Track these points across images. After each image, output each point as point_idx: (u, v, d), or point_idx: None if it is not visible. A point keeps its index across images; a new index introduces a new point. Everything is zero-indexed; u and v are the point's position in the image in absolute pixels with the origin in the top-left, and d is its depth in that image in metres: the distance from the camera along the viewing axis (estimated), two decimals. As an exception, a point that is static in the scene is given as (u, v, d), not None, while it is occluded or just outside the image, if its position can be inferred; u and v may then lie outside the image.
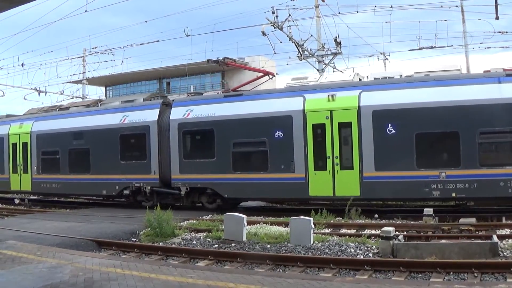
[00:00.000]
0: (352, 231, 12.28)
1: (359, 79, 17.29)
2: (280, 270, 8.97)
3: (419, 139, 14.02)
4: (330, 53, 26.08)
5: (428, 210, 12.75)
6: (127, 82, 49.05)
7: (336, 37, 25.11)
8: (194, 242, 11.64)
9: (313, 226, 10.97)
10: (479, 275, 7.82)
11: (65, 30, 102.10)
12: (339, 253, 9.92)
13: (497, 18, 20.89)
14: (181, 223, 13.76)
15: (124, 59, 32.65)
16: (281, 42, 24.66)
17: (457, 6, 24.99)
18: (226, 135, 16.51)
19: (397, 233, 10.43)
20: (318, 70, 25.62)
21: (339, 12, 24.51)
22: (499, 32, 23.10)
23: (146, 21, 52.08)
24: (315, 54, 26.13)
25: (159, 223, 12.23)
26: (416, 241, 10.29)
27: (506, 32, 23.36)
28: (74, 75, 35.34)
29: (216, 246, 11.12)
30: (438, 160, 14.12)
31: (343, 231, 12.26)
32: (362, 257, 9.49)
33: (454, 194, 13.70)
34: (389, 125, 14.24)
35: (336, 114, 14.93)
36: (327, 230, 12.33)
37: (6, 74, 49.94)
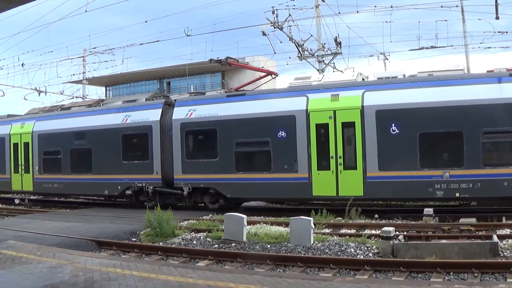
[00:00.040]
0: (352, 231, 12.28)
1: (362, 79, 17.24)
2: (280, 270, 8.97)
3: (423, 139, 13.98)
4: (330, 53, 26.10)
5: (428, 210, 12.74)
6: (127, 82, 49.05)
7: (336, 37, 25.15)
8: (194, 242, 11.64)
9: (313, 226, 10.97)
10: (479, 275, 7.82)
11: (65, 30, 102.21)
12: (339, 253, 9.92)
13: (497, 18, 20.90)
14: (181, 223, 13.77)
15: (124, 59, 32.69)
16: (281, 42, 24.74)
17: (457, 6, 25.02)
18: (229, 135, 16.46)
19: (397, 233, 10.42)
20: (318, 70, 25.63)
21: (339, 12, 24.57)
22: (499, 32, 23.13)
23: (146, 21, 52.20)
24: (315, 54, 26.14)
25: (159, 223, 12.22)
26: (416, 241, 10.28)
27: (506, 32, 23.38)
28: (74, 75, 35.38)
29: (216, 246, 11.12)
30: (442, 160, 14.08)
31: (343, 231, 12.26)
32: (362, 257, 9.49)
33: (458, 194, 13.65)
34: (393, 125, 14.19)
35: (340, 114, 14.89)
36: (327, 230, 12.32)
37: (6, 74, 49.98)
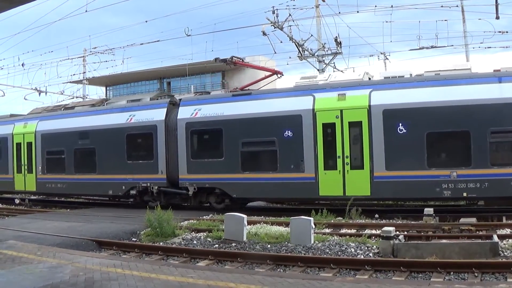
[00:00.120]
0: (353, 231, 12.28)
1: (369, 78, 17.15)
2: (281, 270, 8.96)
3: (430, 139, 13.91)
4: (331, 53, 26.11)
5: (429, 210, 12.73)
6: (128, 82, 49.05)
7: (337, 37, 25.15)
8: (195, 242, 11.64)
9: (314, 226, 10.97)
10: (480, 275, 7.82)
11: (65, 30, 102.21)
12: (340, 253, 9.92)
13: (498, 18, 20.90)
14: (182, 223, 13.77)
15: (125, 59, 32.70)
16: (282, 42, 24.76)
17: (458, 6, 25.04)
18: (235, 135, 16.37)
19: (398, 233, 10.41)
20: (319, 70, 25.63)
21: (339, 12, 24.60)
22: (500, 32, 23.14)
23: (147, 21, 52.53)
24: (316, 54, 26.15)
25: (160, 223, 12.22)
26: (417, 241, 10.27)
27: (507, 32, 23.39)
28: (75, 75, 35.41)
29: (217, 246, 11.12)
30: (449, 160, 13.99)
31: (344, 231, 12.26)
32: (363, 257, 9.49)
33: (465, 194, 13.56)
34: (400, 124, 14.11)
35: (346, 113, 14.81)
36: (328, 230, 12.32)
37: (7, 74, 49.92)
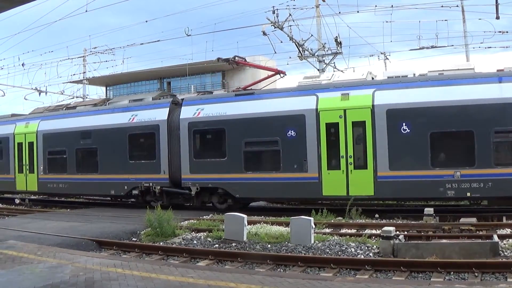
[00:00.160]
0: (353, 231, 12.29)
1: (372, 78, 17.18)
2: (281, 270, 8.97)
3: (434, 138, 13.90)
4: (331, 53, 26.07)
5: (429, 210, 12.73)
6: (128, 82, 49.08)
7: (337, 37, 25.11)
8: (195, 242, 11.64)
9: (314, 226, 10.97)
10: (480, 275, 7.82)
11: (66, 30, 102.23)
12: (340, 253, 9.92)
13: (498, 18, 20.88)
14: (182, 223, 13.78)
15: (125, 59, 32.71)
16: (282, 42, 24.70)
17: (458, 6, 25.03)
18: (238, 134, 16.35)
19: (398, 233, 10.41)
20: (319, 70, 25.61)
21: (340, 12, 24.57)
22: (500, 32, 23.16)
23: (147, 21, 52.70)
24: (316, 54, 26.13)
25: (160, 223, 12.22)
26: (417, 241, 10.27)
27: (507, 32, 23.41)
28: (75, 75, 35.43)
29: (217, 246, 11.12)
30: (453, 160, 13.96)
31: (344, 231, 12.27)
32: (363, 257, 9.49)
33: (469, 194, 13.54)
34: (404, 124, 14.10)
35: (350, 113, 14.79)
36: (328, 230, 12.33)
37: (7, 74, 49.73)
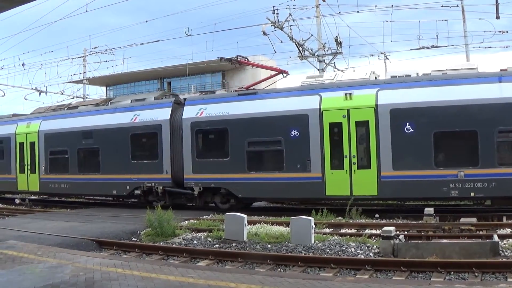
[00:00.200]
0: (353, 231, 12.29)
1: (375, 78, 17.10)
2: (281, 270, 8.96)
3: (437, 138, 13.87)
4: (331, 53, 26.09)
5: (429, 210, 12.73)
6: (128, 82, 49.06)
7: (337, 37, 25.14)
8: (195, 242, 11.64)
9: (314, 226, 10.97)
10: (480, 275, 7.82)
11: (66, 30, 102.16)
12: (340, 253, 9.92)
13: (498, 18, 20.88)
14: (182, 223, 13.77)
15: (125, 59, 32.73)
16: (282, 42, 24.70)
17: (458, 6, 25.05)
18: (241, 134, 16.31)
19: (398, 233, 10.41)
20: (319, 70, 25.62)
21: (340, 12, 24.59)
22: (500, 32, 23.17)
23: (147, 21, 52.77)
24: (316, 54, 26.13)
25: (160, 223, 12.22)
26: (417, 241, 10.26)
27: (507, 32, 23.43)
28: (75, 75, 35.46)
29: (217, 246, 11.12)
30: (457, 159, 13.92)
31: (344, 231, 12.27)
32: (363, 257, 9.49)
33: (473, 194, 13.50)
34: (407, 124, 14.06)
35: (353, 113, 14.75)
36: (328, 230, 12.33)
37: (7, 74, 49.77)
